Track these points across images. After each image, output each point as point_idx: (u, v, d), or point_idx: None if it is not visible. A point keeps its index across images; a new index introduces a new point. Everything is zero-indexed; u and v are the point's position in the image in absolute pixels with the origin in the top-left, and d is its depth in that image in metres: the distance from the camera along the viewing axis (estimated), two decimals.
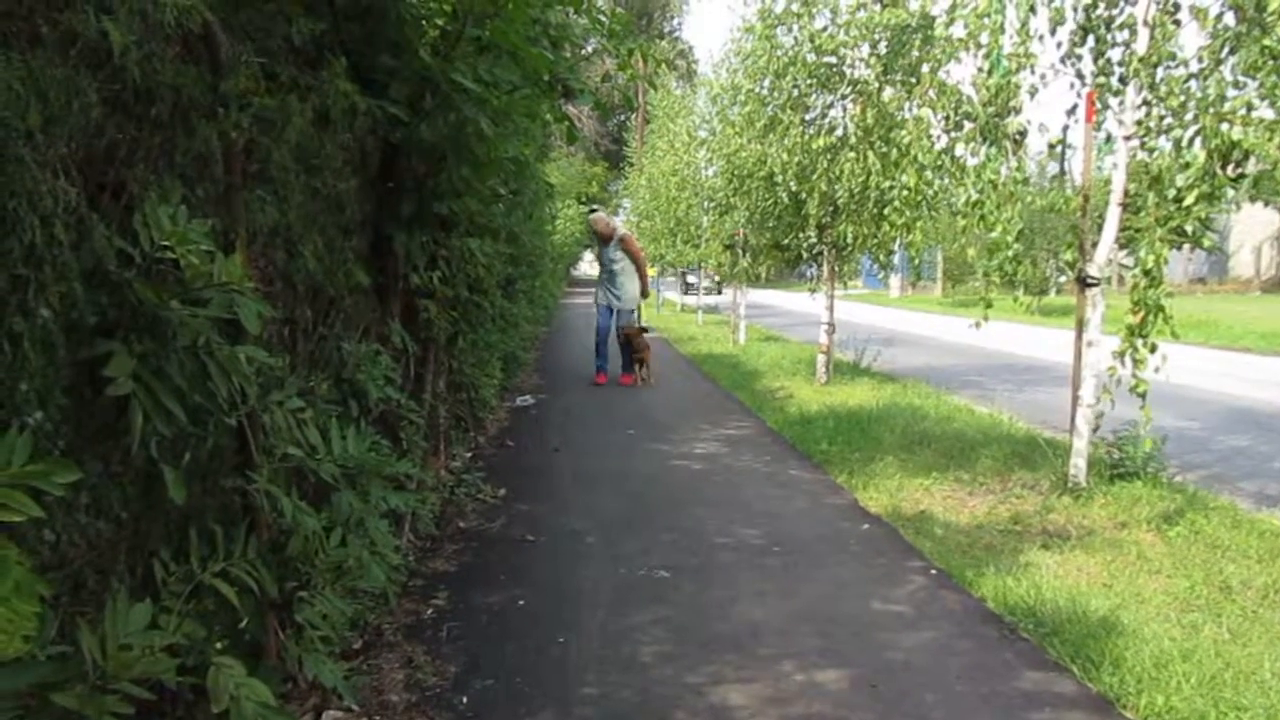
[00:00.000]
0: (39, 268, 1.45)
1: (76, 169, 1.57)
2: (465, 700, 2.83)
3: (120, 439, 1.64)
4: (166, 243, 1.66)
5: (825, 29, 8.40)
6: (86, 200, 1.59)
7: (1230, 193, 4.64)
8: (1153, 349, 4.83)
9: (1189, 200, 4.49)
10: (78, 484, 1.47)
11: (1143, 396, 4.86)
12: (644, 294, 10.68)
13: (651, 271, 28.49)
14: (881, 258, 9.04)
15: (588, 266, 37.47)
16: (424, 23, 3.51)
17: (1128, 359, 4.88)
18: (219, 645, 1.90)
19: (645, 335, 10.29)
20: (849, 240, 8.90)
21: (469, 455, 6.13)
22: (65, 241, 1.51)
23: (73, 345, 1.55)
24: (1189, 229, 4.60)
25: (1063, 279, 24.51)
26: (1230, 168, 4.48)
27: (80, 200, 1.57)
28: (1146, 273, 4.71)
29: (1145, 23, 4.70)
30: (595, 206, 11.17)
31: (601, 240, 10.20)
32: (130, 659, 1.51)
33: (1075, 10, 4.99)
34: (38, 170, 1.43)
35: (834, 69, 8.58)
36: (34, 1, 1.47)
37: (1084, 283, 5.15)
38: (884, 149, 7.52)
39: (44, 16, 1.48)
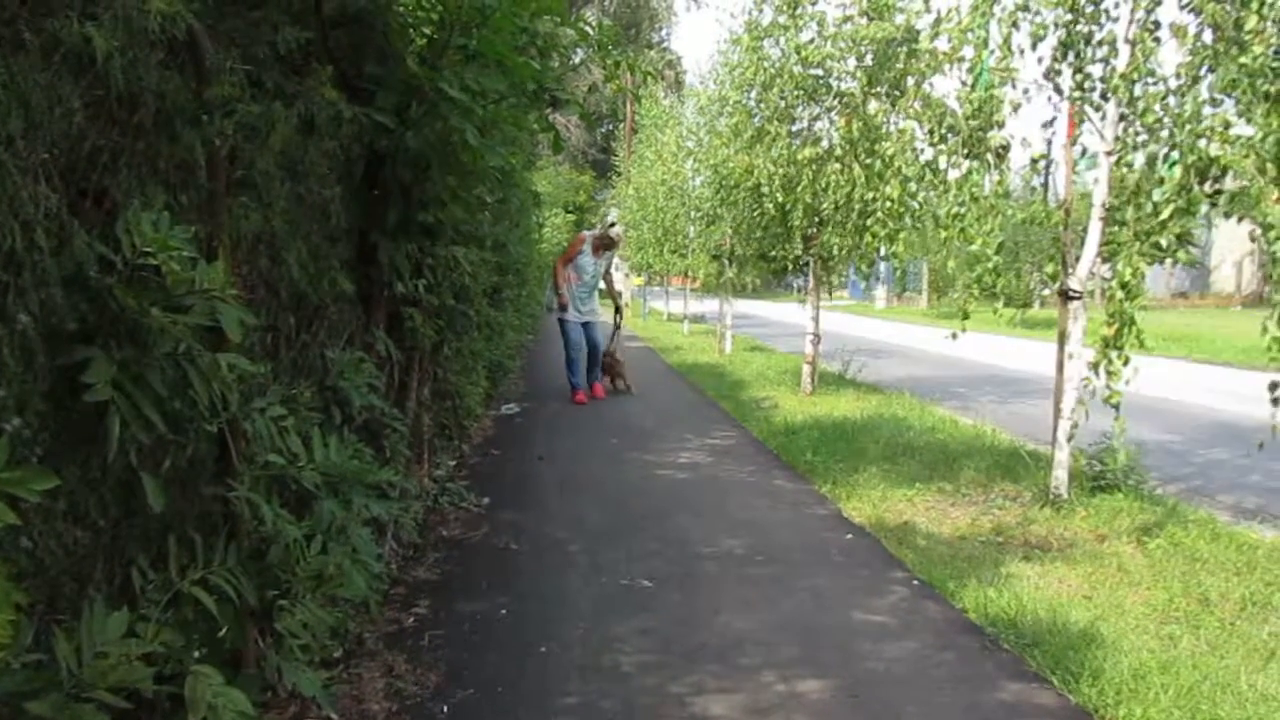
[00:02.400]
0: (18, 273, 1.44)
1: (58, 175, 1.57)
2: (446, 709, 2.82)
3: (99, 446, 1.63)
4: (148, 249, 1.66)
5: (811, 41, 8.46)
6: (68, 206, 1.59)
7: (1205, 208, 4.69)
8: (1126, 361, 4.85)
9: (1164, 215, 4.54)
10: (55, 491, 1.47)
11: (1116, 407, 4.89)
12: (618, 309, 10.54)
13: (638, 280, 28.59)
14: (864, 268, 9.09)
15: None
16: (411, 31, 3.52)
17: (1102, 370, 4.91)
18: (197, 654, 1.88)
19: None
20: (834, 251, 8.95)
21: (453, 463, 6.11)
22: (46, 247, 1.50)
23: (52, 351, 1.54)
24: (1163, 243, 4.64)
25: (1046, 292, 24.70)
26: (1208, 184, 4.53)
27: (61, 206, 1.56)
28: (1124, 286, 4.75)
29: (1126, 39, 4.76)
30: (614, 220, 10.57)
31: (601, 251, 9.46)
32: (106, 667, 1.50)
33: (1056, 26, 5.04)
34: (18, 176, 1.43)
35: (820, 81, 8.63)
36: (17, 7, 1.47)
37: (1066, 296, 5.20)
38: (869, 161, 7.57)
39: (27, 22, 1.48)
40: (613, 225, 9.74)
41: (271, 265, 2.55)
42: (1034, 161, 5.53)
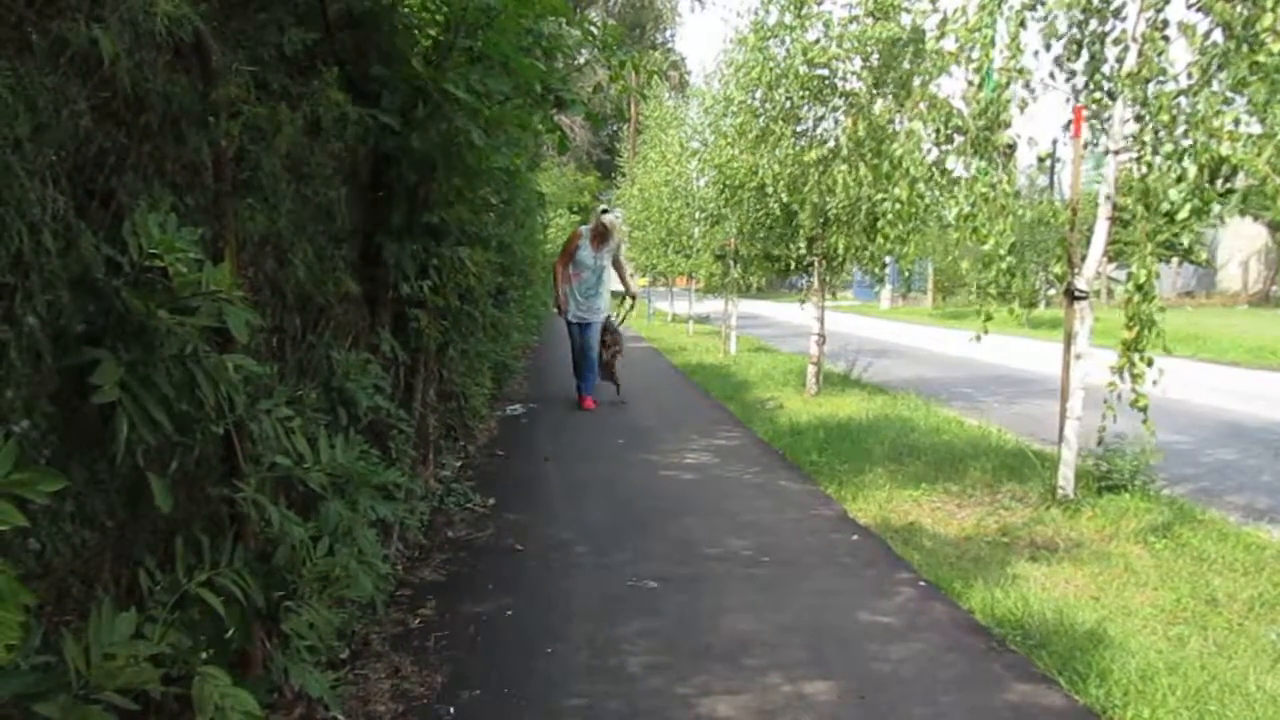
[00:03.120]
0: (26, 275, 1.44)
1: (65, 177, 1.57)
2: (452, 710, 2.82)
3: (106, 447, 1.63)
4: (155, 251, 1.66)
5: (818, 41, 8.45)
6: (75, 208, 1.59)
7: (1218, 207, 4.67)
8: (1149, 363, 4.83)
9: (1182, 215, 4.52)
10: (63, 492, 1.47)
11: (1144, 410, 4.87)
12: (633, 296, 9.83)
13: (643, 281, 28.60)
14: (875, 270, 9.07)
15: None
16: (416, 33, 3.52)
17: (1126, 374, 4.89)
18: (205, 655, 1.89)
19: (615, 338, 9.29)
20: (840, 252, 8.94)
21: (459, 464, 6.11)
22: (53, 249, 1.50)
23: (59, 353, 1.54)
24: (1185, 241, 4.62)
25: (1052, 291, 24.66)
26: (1219, 183, 4.51)
27: (69, 208, 1.56)
28: (1139, 287, 4.73)
29: (1135, 39, 4.74)
30: (606, 206, 9.46)
31: (599, 242, 8.75)
32: (114, 669, 1.50)
33: (1067, 26, 5.03)
34: (26, 178, 1.43)
35: (826, 81, 8.62)
36: (24, 9, 1.47)
37: (1072, 296, 5.18)
38: (875, 161, 7.56)
39: (34, 24, 1.48)
40: (604, 211, 8.91)
41: (277, 266, 2.55)
42: (1041, 160, 5.52)
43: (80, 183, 1.64)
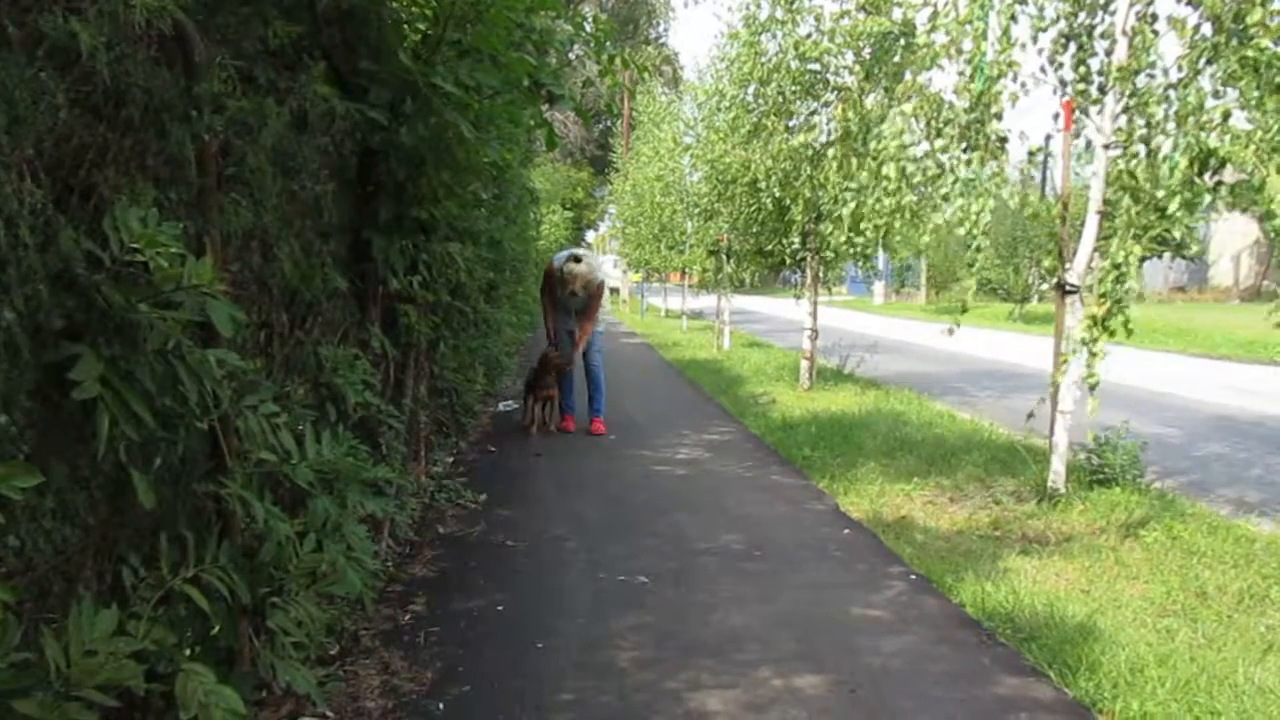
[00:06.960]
0: (3, 270, 1.43)
1: (44, 171, 1.55)
2: (442, 706, 2.81)
3: (88, 443, 1.62)
4: (136, 245, 1.64)
5: (809, 36, 8.44)
6: (53, 202, 1.58)
7: (1207, 199, 4.66)
8: (1111, 333, 4.77)
9: (1172, 208, 4.51)
10: (43, 489, 1.45)
11: (1093, 389, 4.80)
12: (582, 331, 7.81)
13: (635, 277, 28.63)
14: (863, 261, 9.05)
15: None
16: (405, 27, 3.50)
17: (1086, 349, 4.85)
18: (189, 652, 1.87)
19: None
20: (832, 244, 8.92)
21: (450, 460, 6.10)
22: (31, 244, 1.49)
23: (38, 348, 1.53)
24: (1177, 234, 4.61)
25: (1044, 287, 24.68)
26: (1208, 175, 4.52)
27: (47, 202, 1.55)
28: (1116, 266, 4.72)
29: (1124, 32, 4.74)
30: (582, 252, 7.92)
31: (571, 289, 7.47)
32: (95, 665, 1.49)
33: (1056, 19, 5.03)
34: (2, 171, 1.41)
35: (818, 76, 8.61)
36: None
37: (1064, 290, 5.19)
38: (863, 151, 7.53)
39: (9, 16, 1.47)
40: (576, 260, 7.53)
41: (263, 262, 2.53)
42: (1031, 155, 5.51)
43: (60, 177, 1.62)
